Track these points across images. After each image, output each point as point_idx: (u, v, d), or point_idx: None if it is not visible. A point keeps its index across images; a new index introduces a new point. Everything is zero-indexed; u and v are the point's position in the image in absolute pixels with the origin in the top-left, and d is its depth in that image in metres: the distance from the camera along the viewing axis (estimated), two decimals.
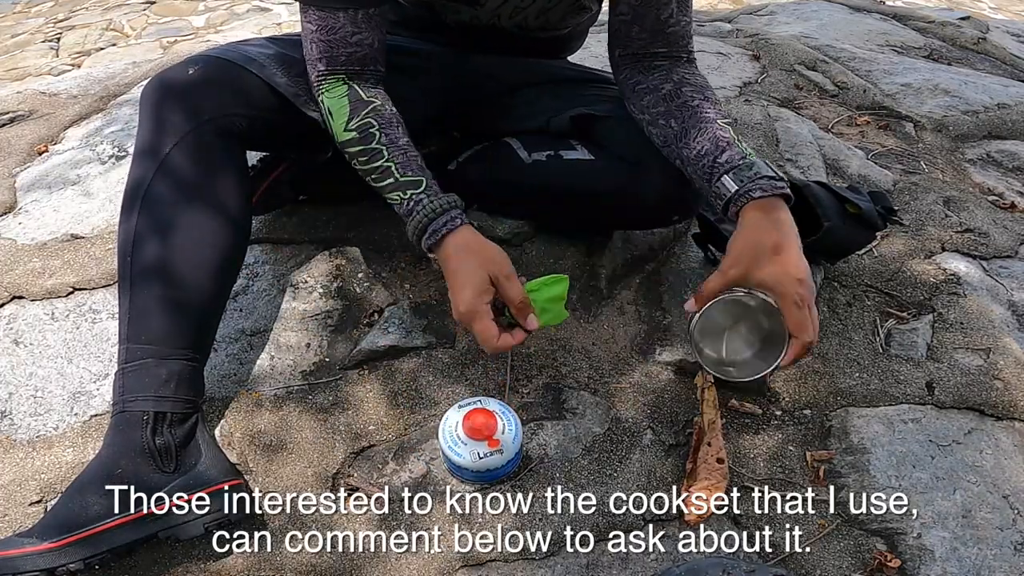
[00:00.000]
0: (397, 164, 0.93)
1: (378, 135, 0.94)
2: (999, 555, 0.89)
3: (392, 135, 0.95)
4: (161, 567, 0.86)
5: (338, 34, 0.94)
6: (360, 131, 0.94)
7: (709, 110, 0.96)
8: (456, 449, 0.91)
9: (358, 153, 0.95)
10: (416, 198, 0.92)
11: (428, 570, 0.87)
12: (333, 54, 0.95)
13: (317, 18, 0.93)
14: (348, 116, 0.94)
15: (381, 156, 0.93)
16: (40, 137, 1.60)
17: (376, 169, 0.94)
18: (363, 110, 0.94)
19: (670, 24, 0.99)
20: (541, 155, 1.12)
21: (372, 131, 0.94)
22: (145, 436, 0.84)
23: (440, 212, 0.91)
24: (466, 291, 0.89)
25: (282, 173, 1.19)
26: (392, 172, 0.93)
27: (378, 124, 0.94)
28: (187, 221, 0.91)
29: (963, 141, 1.73)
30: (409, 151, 0.95)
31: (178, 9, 4.24)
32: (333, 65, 0.95)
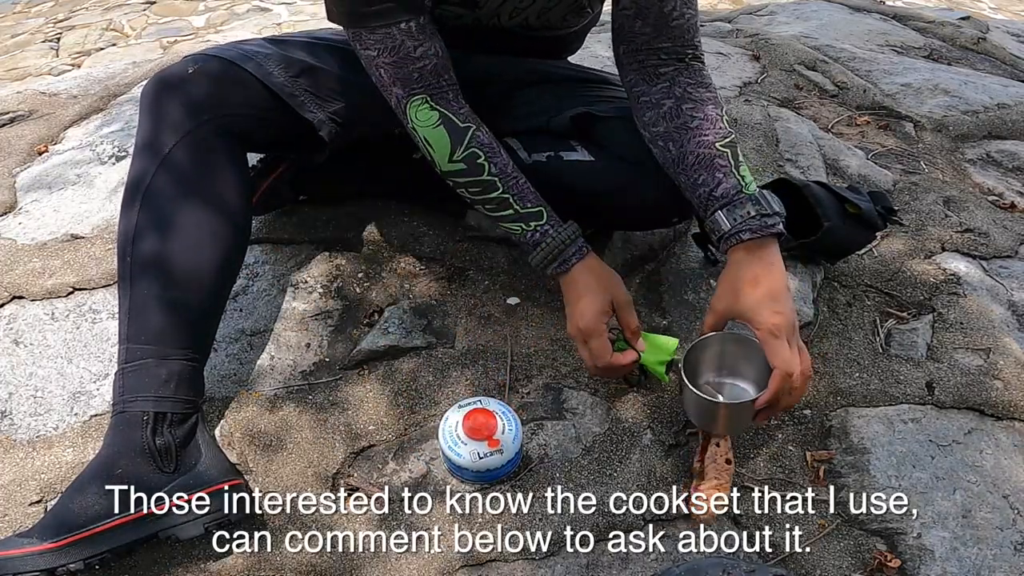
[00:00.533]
0: (514, 196, 0.95)
1: (487, 166, 0.94)
2: (999, 555, 0.89)
3: (500, 163, 0.96)
4: (161, 567, 0.86)
5: (400, 52, 0.92)
6: (467, 162, 0.94)
7: (708, 132, 0.94)
8: (456, 449, 0.91)
9: (468, 183, 0.95)
10: (542, 229, 0.95)
11: (428, 570, 0.87)
12: (405, 74, 0.93)
13: (374, 42, 0.91)
14: (451, 148, 0.94)
15: (495, 188, 0.94)
16: (40, 137, 1.60)
17: (492, 200, 0.95)
18: (464, 138, 0.94)
19: (674, 17, 0.97)
20: (541, 156, 1.12)
21: (480, 162, 0.94)
22: (145, 436, 0.84)
23: (569, 242, 0.95)
24: (588, 309, 0.94)
25: (282, 173, 1.19)
26: (511, 204, 0.95)
27: (484, 154, 0.94)
28: (187, 220, 0.91)
29: (963, 141, 1.73)
30: (520, 178, 0.96)
31: (178, 9, 4.24)
32: (409, 86, 0.94)
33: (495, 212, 0.96)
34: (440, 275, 1.20)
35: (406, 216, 1.27)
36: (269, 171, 1.18)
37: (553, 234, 0.95)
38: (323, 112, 1.01)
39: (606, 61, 1.98)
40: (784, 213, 0.93)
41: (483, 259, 1.23)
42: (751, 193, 0.90)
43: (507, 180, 0.95)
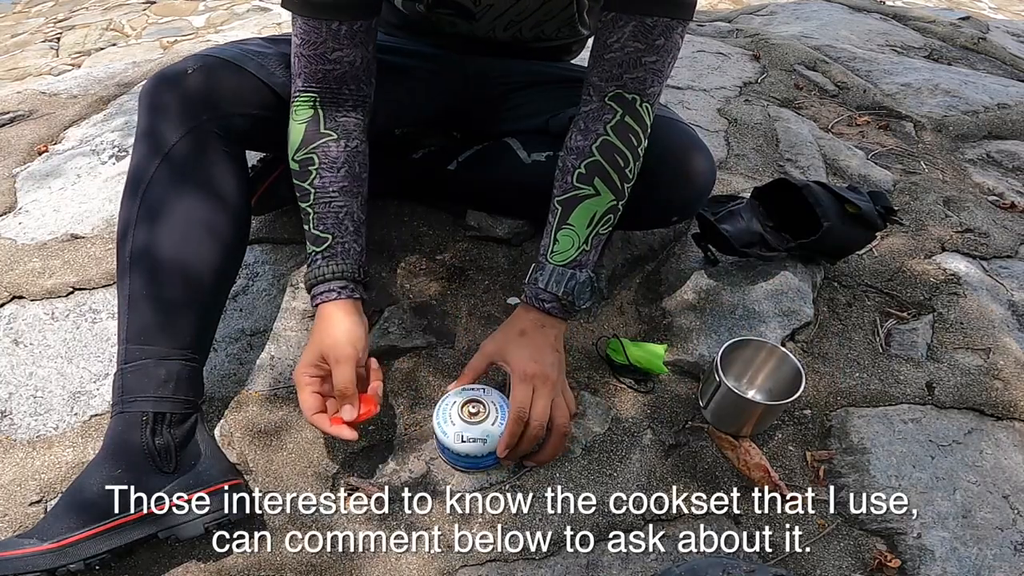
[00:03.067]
0: (315, 214, 0.94)
1: (313, 174, 0.94)
2: (999, 555, 0.89)
3: (328, 179, 0.94)
4: (161, 567, 0.86)
5: (319, 49, 0.92)
6: (301, 165, 0.94)
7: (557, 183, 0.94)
8: (443, 427, 0.92)
9: (296, 185, 0.95)
10: (314, 257, 0.94)
11: (428, 570, 0.87)
12: (312, 70, 0.94)
13: (302, 31, 0.92)
14: (297, 146, 0.95)
15: (307, 198, 0.94)
16: (40, 137, 1.60)
17: (303, 209, 0.95)
18: (312, 143, 0.94)
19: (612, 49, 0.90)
20: (541, 155, 1.12)
21: (310, 168, 0.94)
22: (145, 436, 0.84)
23: (322, 280, 0.92)
24: (303, 356, 0.91)
25: (282, 173, 1.19)
26: (309, 219, 0.94)
27: (318, 162, 0.94)
28: (187, 218, 0.91)
29: (963, 141, 1.73)
30: (335, 200, 0.94)
31: (178, 9, 4.24)
32: (309, 82, 0.94)
33: (304, 222, 0.95)
34: (440, 275, 1.20)
35: (406, 216, 1.27)
36: (269, 171, 1.18)
37: (319, 264, 0.93)
38: None
39: None
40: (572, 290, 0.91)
41: (483, 259, 1.23)
42: (552, 263, 0.91)
43: (319, 196, 0.93)
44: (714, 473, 0.97)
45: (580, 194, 0.91)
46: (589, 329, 1.14)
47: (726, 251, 1.19)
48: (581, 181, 0.91)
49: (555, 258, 0.92)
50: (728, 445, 0.99)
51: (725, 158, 1.55)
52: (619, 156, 0.92)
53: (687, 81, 1.89)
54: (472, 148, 1.21)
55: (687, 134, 1.11)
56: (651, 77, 0.92)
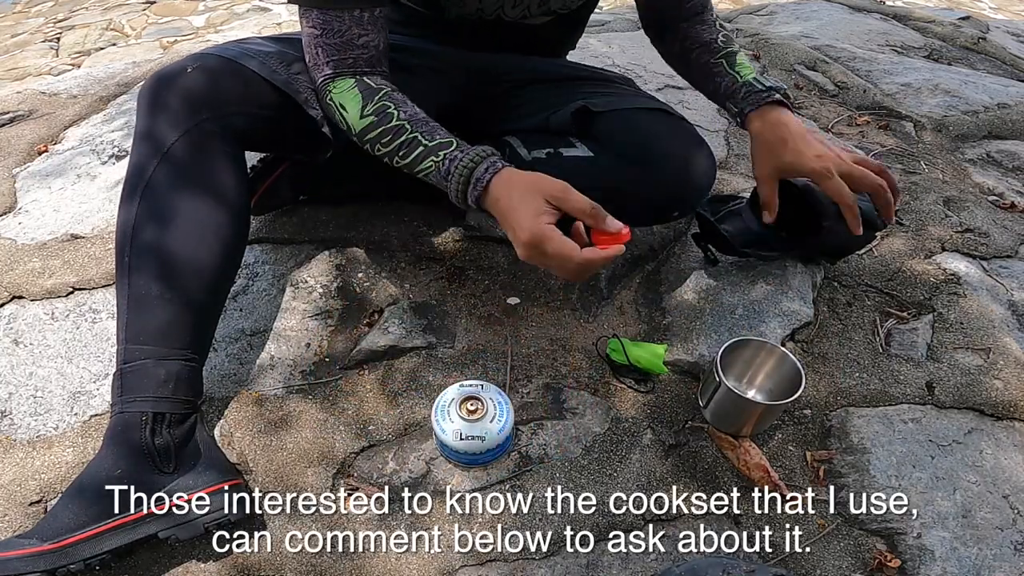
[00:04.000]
0: (422, 133, 0.92)
1: (396, 113, 0.93)
2: (999, 555, 0.89)
3: (410, 111, 0.94)
4: (161, 567, 0.86)
5: (344, 36, 0.93)
6: (377, 114, 0.93)
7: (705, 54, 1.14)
8: (441, 424, 0.92)
9: (379, 135, 0.93)
10: (451, 155, 0.90)
11: (428, 570, 0.87)
12: (341, 58, 0.94)
13: (321, 21, 0.92)
14: (362, 104, 0.94)
15: (404, 131, 0.92)
16: (40, 137, 1.60)
17: (402, 144, 0.92)
18: (376, 95, 0.94)
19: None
20: (541, 153, 1.12)
21: (390, 111, 0.93)
22: (144, 437, 0.84)
23: (480, 160, 0.89)
24: (524, 217, 0.84)
25: (282, 173, 1.19)
26: (420, 141, 0.92)
27: (394, 104, 0.94)
28: (187, 217, 0.91)
29: (963, 141, 1.73)
30: (430, 121, 0.94)
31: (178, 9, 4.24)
32: (340, 68, 0.95)
33: (409, 157, 0.92)
34: (440, 275, 1.20)
35: (406, 216, 1.27)
36: (269, 171, 1.18)
37: (462, 156, 0.89)
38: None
39: (606, 60, 1.98)
40: (783, 86, 1.09)
41: (483, 259, 1.23)
42: (745, 80, 1.08)
43: (416, 123, 0.92)
44: (714, 473, 0.97)
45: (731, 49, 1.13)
46: (589, 329, 1.14)
47: (726, 251, 1.19)
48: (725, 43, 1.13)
49: (748, 75, 1.09)
50: (728, 445, 0.99)
51: (725, 158, 1.55)
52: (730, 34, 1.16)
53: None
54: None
55: (688, 131, 1.12)
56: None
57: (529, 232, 0.84)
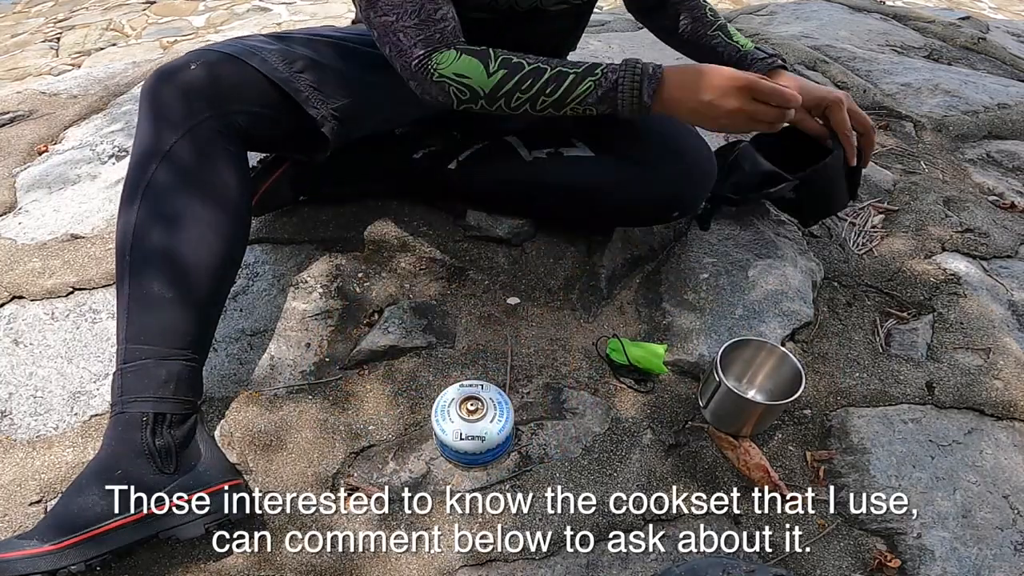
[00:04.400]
0: (564, 65, 0.93)
1: (523, 60, 0.93)
2: (999, 555, 0.89)
3: (530, 56, 0.95)
4: (161, 567, 0.86)
5: (421, 15, 0.92)
6: (505, 66, 0.93)
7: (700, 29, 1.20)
8: (441, 424, 0.93)
9: (518, 84, 0.93)
10: (611, 68, 0.93)
11: (428, 570, 0.87)
12: (427, 35, 0.93)
13: (392, 7, 0.92)
14: (483, 64, 0.93)
15: (544, 69, 0.93)
16: (40, 137, 1.60)
17: (549, 80, 0.93)
18: (490, 55, 0.94)
19: None
20: (541, 153, 1.12)
21: (515, 60, 0.93)
22: (145, 437, 0.84)
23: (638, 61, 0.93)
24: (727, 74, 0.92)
25: (282, 173, 1.18)
26: (567, 72, 0.93)
27: (515, 56, 0.94)
28: (187, 219, 0.90)
29: (963, 141, 1.73)
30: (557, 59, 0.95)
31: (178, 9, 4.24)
32: (431, 44, 0.93)
33: (559, 90, 0.93)
34: (440, 275, 1.20)
35: (406, 216, 1.27)
36: (269, 171, 1.18)
37: (619, 65, 0.93)
38: (326, 108, 1.00)
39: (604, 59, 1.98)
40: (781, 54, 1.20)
41: (483, 259, 1.23)
42: (748, 50, 1.16)
43: (548, 60, 0.94)
44: (714, 473, 0.97)
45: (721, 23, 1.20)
46: (589, 329, 1.14)
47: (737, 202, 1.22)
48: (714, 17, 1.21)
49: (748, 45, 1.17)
50: (728, 445, 0.99)
51: None
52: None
53: None
54: (472, 147, 1.21)
55: (688, 131, 1.12)
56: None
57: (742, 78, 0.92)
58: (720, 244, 1.26)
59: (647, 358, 1.06)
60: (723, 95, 0.91)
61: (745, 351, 1.01)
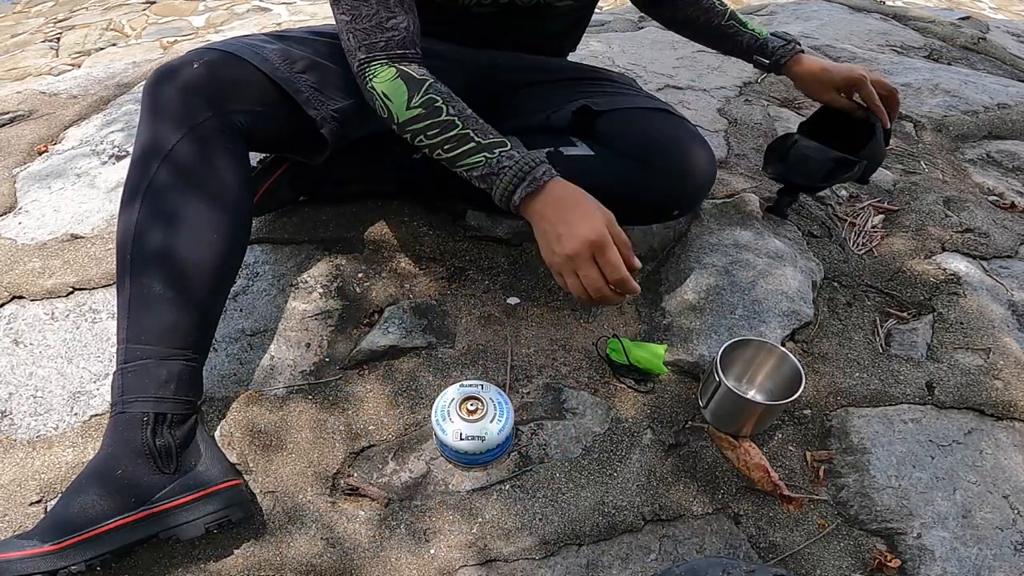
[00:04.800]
0: (474, 130, 0.94)
1: (445, 107, 0.94)
2: (999, 555, 0.89)
3: (458, 106, 0.95)
4: (161, 567, 0.86)
5: (372, 21, 0.94)
6: (425, 106, 0.94)
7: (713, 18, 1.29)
8: (441, 424, 0.93)
9: (426, 128, 0.94)
10: (507, 154, 0.92)
11: (428, 570, 0.87)
12: (371, 41, 0.95)
13: (350, 7, 0.94)
14: (408, 95, 0.94)
15: (455, 126, 0.93)
16: (40, 137, 1.60)
17: (452, 139, 0.93)
18: (422, 86, 0.95)
19: None
20: (542, 152, 1.12)
21: (438, 104, 0.94)
22: (145, 437, 0.84)
23: (539, 163, 0.91)
24: (593, 219, 0.88)
25: (282, 174, 1.18)
26: (472, 137, 0.93)
27: (442, 98, 0.95)
28: (188, 219, 0.90)
29: (963, 141, 1.73)
30: (479, 120, 0.95)
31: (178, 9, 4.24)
32: (372, 52, 0.95)
33: (456, 150, 0.94)
34: (440, 275, 1.20)
35: (406, 216, 1.27)
36: (270, 171, 1.18)
37: (519, 156, 0.92)
38: (326, 109, 1.00)
39: (606, 60, 1.98)
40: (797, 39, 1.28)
41: (483, 259, 1.23)
42: (766, 36, 1.28)
43: (466, 119, 0.94)
44: (714, 473, 0.97)
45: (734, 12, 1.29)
46: (589, 329, 1.14)
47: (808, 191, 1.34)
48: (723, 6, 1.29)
49: (764, 31, 1.29)
50: (728, 445, 0.99)
51: (725, 158, 1.55)
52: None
53: (687, 81, 1.89)
54: None
55: (688, 129, 1.12)
56: None
57: (598, 233, 0.88)
58: (720, 244, 1.26)
59: (647, 358, 1.06)
60: (572, 235, 0.88)
61: (745, 351, 1.01)
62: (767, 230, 1.31)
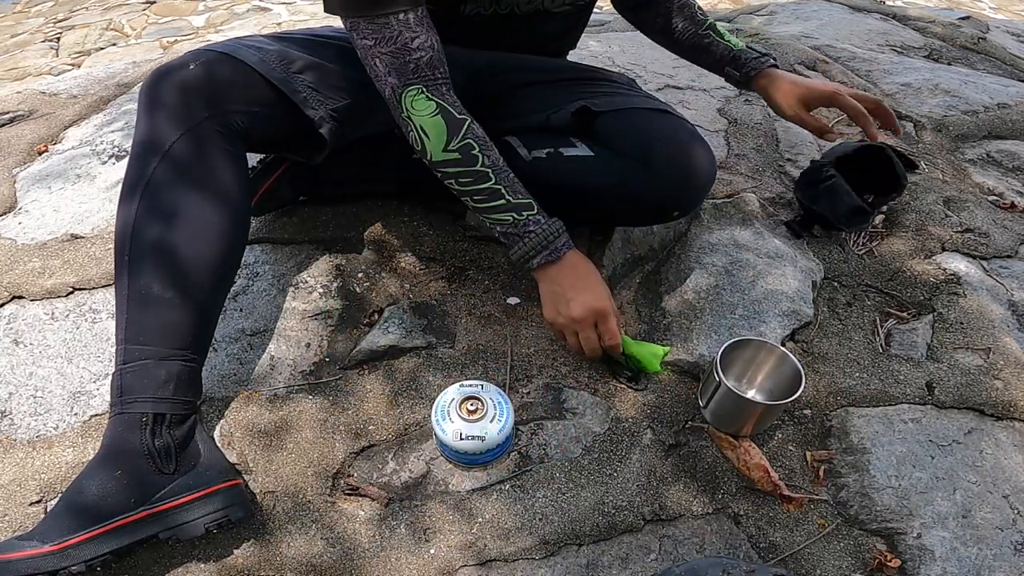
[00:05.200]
0: (506, 187, 0.98)
1: (481, 157, 0.96)
2: (999, 555, 0.89)
3: (493, 157, 0.98)
4: (161, 567, 0.86)
5: (397, 43, 0.93)
6: (462, 152, 0.96)
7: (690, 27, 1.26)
8: (441, 424, 0.93)
9: (459, 174, 0.97)
10: (534, 219, 0.99)
11: (428, 570, 0.87)
12: (401, 64, 0.94)
13: (371, 31, 0.92)
14: (447, 137, 0.95)
15: (488, 179, 0.97)
16: (40, 137, 1.60)
17: (483, 190, 0.97)
18: (461, 129, 0.96)
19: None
20: (541, 152, 1.12)
21: (474, 153, 0.96)
22: (144, 437, 0.84)
23: (560, 232, 1.00)
24: (599, 290, 1.00)
25: (282, 174, 1.18)
26: (503, 194, 0.98)
27: (479, 146, 0.97)
28: (187, 218, 0.90)
29: (963, 141, 1.73)
30: (510, 173, 1.00)
31: (178, 9, 4.24)
32: (404, 76, 0.94)
33: (485, 203, 0.98)
34: (440, 275, 1.20)
35: (406, 216, 1.27)
36: (269, 171, 1.18)
37: (545, 223, 0.99)
38: (324, 109, 1.00)
39: (606, 60, 1.98)
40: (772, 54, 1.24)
41: (483, 259, 1.23)
42: (741, 48, 1.23)
43: (499, 172, 0.98)
44: (714, 473, 0.97)
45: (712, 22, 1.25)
46: None
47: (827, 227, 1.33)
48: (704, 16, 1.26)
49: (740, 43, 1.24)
50: (728, 445, 0.99)
51: (725, 158, 1.55)
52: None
53: (687, 81, 1.89)
54: None
55: (688, 129, 1.12)
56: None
57: (604, 302, 1.00)
58: (720, 244, 1.26)
59: (646, 356, 1.06)
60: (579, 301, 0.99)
61: (745, 351, 1.01)
62: (767, 230, 1.31)
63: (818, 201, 1.30)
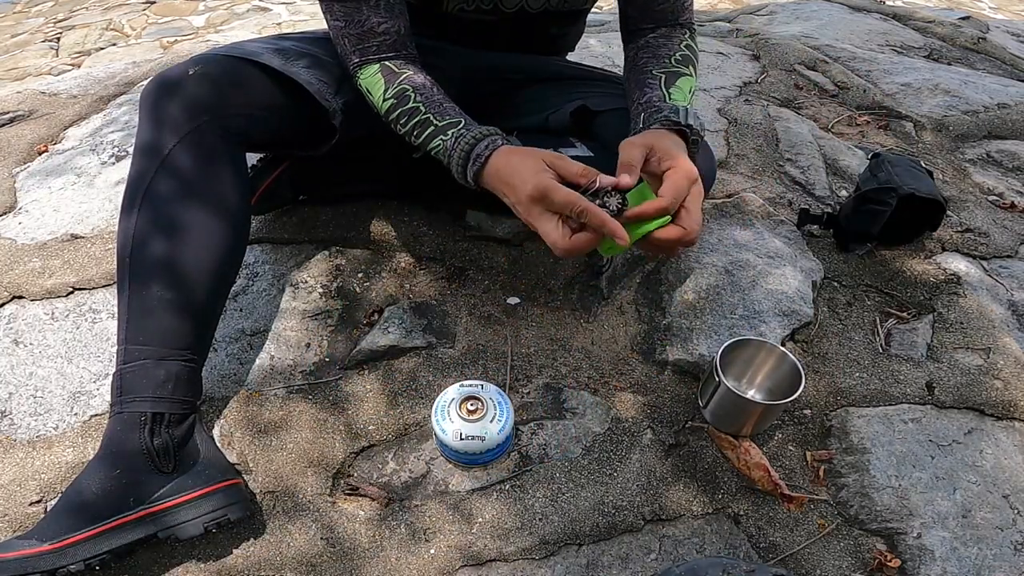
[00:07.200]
0: (434, 113, 0.96)
1: (413, 95, 0.97)
2: (999, 555, 0.89)
3: (427, 94, 0.98)
4: (161, 567, 0.86)
5: (365, 26, 0.97)
6: (397, 96, 0.97)
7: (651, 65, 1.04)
8: (441, 424, 0.93)
9: (399, 116, 0.97)
10: (456, 133, 0.92)
11: (428, 570, 0.87)
12: (365, 46, 0.99)
13: (342, 14, 0.97)
14: (384, 86, 0.98)
15: (419, 112, 0.96)
16: (40, 137, 1.60)
17: (417, 124, 0.96)
18: (397, 79, 0.98)
19: (658, 3, 1.08)
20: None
21: (408, 93, 0.97)
22: (143, 437, 0.84)
23: (481, 137, 0.91)
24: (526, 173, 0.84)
25: (282, 173, 1.19)
26: (431, 121, 0.95)
27: (412, 87, 0.98)
28: (187, 221, 0.91)
29: (963, 141, 1.73)
30: (445, 102, 0.97)
31: (178, 9, 4.24)
32: (366, 55, 0.99)
33: (420, 137, 0.96)
34: (440, 275, 1.20)
35: (406, 216, 1.27)
36: (269, 170, 1.18)
37: (465, 133, 0.91)
38: (336, 101, 1.01)
39: (606, 60, 1.98)
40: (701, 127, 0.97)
41: (483, 259, 1.23)
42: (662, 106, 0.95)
43: (430, 104, 0.95)
44: (714, 473, 0.97)
45: (680, 71, 1.02)
46: (589, 329, 1.14)
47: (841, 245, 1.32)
48: (678, 63, 1.04)
49: (677, 98, 0.98)
50: (728, 445, 0.99)
51: (725, 158, 1.55)
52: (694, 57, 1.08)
53: None
54: None
55: None
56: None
57: (533, 184, 0.83)
58: (720, 244, 1.26)
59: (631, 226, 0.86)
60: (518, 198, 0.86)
61: (745, 351, 1.01)
62: (767, 230, 1.31)
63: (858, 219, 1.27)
